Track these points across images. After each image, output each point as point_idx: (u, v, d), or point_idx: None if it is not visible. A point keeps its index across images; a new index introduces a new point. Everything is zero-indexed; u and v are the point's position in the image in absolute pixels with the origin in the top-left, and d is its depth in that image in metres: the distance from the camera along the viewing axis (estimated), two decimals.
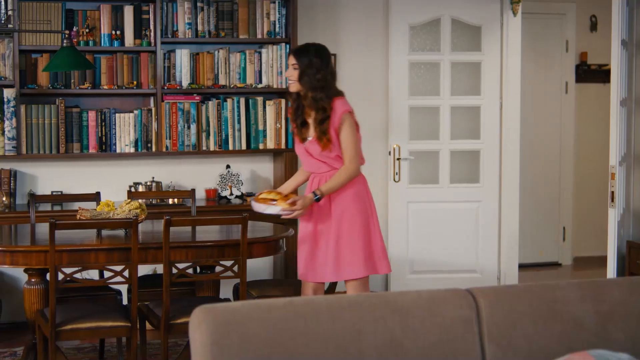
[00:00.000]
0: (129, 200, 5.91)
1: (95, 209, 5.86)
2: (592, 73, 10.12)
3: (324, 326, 3.13)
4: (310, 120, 5.55)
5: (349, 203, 5.51)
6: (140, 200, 6.00)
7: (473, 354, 3.28)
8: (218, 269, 5.59)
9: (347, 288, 5.60)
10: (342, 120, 5.45)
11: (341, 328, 3.15)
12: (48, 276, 5.42)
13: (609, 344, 3.36)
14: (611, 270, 6.10)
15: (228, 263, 5.49)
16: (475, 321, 3.32)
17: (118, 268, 5.32)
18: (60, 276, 5.19)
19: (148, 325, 5.67)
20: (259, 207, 5.45)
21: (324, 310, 3.18)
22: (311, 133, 5.54)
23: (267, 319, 3.09)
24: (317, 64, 5.51)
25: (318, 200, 5.42)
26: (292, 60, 5.56)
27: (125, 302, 6.41)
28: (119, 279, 5.33)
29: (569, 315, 3.41)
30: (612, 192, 6.01)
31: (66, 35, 6.17)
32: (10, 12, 6.85)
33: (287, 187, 5.77)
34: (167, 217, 5.21)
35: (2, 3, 6.94)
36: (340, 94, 5.56)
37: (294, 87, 5.55)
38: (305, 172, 5.76)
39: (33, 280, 5.61)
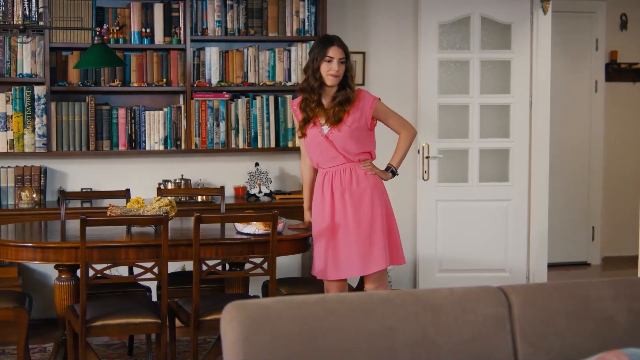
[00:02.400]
0: (159, 197, 5.92)
1: (126, 206, 5.88)
2: (622, 72, 10.07)
3: (355, 323, 3.12)
4: (321, 111, 5.59)
5: (367, 195, 5.54)
6: (170, 198, 6.01)
7: (505, 352, 3.27)
8: (247, 266, 5.59)
9: (367, 281, 5.59)
10: (376, 107, 5.59)
11: (373, 325, 3.14)
12: (78, 272, 5.44)
13: None
14: None
15: (257, 260, 5.49)
16: (508, 319, 3.31)
17: (148, 265, 5.33)
18: (91, 272, 5.20)
19: (177, 322, 5.68)
20: (238, 226, 5.70)
21: (355, 307, 3.17)
22: (324, 122, 5.57)
23: (298, 316, 3.08)
24: (349, 57, 5.66)
25: (394, 175, 5.69)
26: (341, 53, 5.55)
27: (154, 298, 6.43)
28: (149, 275, 5.33)
29: (601, 313, 3.38)
30: None
31: (97, 33, 6.19)
32: (41, 10, 6.88)
33: (309, 202, 5.82)
34: (198, 214, 5.22)
35: (34, 1, 6.97)
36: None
37: (336, 80, 5.56)
38: (311, 170, 5.79)
39: (63, 276, 5.64)
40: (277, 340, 3.01)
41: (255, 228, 5.58)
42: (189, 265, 6.97)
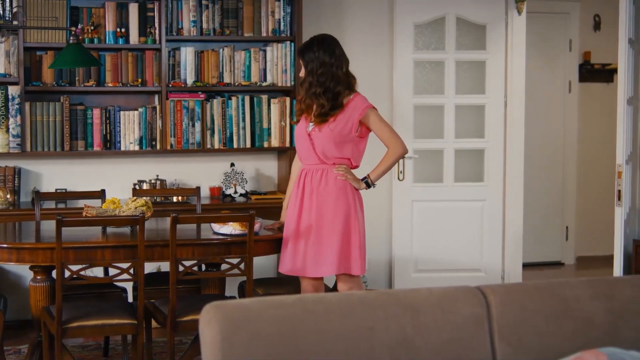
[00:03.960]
0: (135, 197, 5.90)
1: (101, 207, 5.86)
2: (595, 72, 10.12)
3: (334, 323, 3.12)
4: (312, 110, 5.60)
5: (331, 199, 5.52)
6: (145, 198, 5.99)
7: (484, 352, 3.28)
8: (224, 266, 5.58)
9: (338, 280, 5.61)
10: (366, 114, 5.52)
11: (352, 325, 3.13)
12: (54, 273, 5.42)
13: (620, 341, 3.35)
14: (617, 269, 6.09)
15: (234, 261, 5.49)
16: (486, 319, 3.31)
17: (124, 266, 5.30)
18: (67, 273, 5.18)
19: (153, 323, 5.67)
20: (215, 226, 5.70)
21: (334, 307, 3.17)
22: (311, 119, 5.57)
23: (277, 316, 3.08)
24: (321, 59, 5.58)
25: (369, 187, 5.60)
26: (298, 60, 5.70)
27: (130, 299, 6.41)
28: (125, 276, 5.31)
29: (579, 313, 3.40)
30: (619, 191, 6.00)
31: (73, 33, 6.17)
32: (15, 9, 6.83)
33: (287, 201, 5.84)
34: (175, 215, 5.21)
35: (7, 0, 6.93)
36: (352, 87, 5.62)
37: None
38: (298, 173, 5.74)
39: (39, 277, 5.61)
40: (256, 341, 3.01)
41: (231, 229, 5.58)
42: (164, 266, 6.97)
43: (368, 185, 5.59)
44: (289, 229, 5.60)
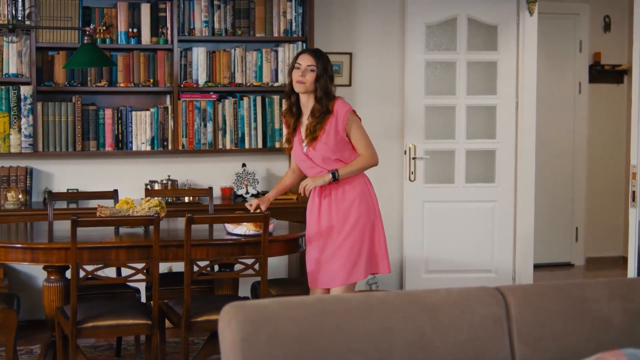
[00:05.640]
0: (148, 198, 5.90)
1: (115, 207, 5.85)
2: (605, 73, 10.11)
3: (353, 324, 3.11)
4: (302, 123, 5.65)
5: (355, 207, 5.54)
6: (158, 198, 5.99)
7: (502, 352, 3.27)
8: (238, 267, 5.58)
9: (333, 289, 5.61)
10: (348, 119, 5.52)
11: (371, 326, 3.13)
12: (67, 273, 5.42)
13: (638, 342, 3.35)
14: (632, 271, 6.07)
15: (248, 261, 5.48)
16: (505, 319, 3.31)
17: (138, 266, 5.31)
18: (82, 273, 5.18)
19: (167, 323, 5.66)
20: (229, 227, 5.72)
21: (353, 308, 3.17)
22: (303, 138, 5.61)
23: (296, 317, 3.07)
24: (329, 70, 5.59)
25: (335, 180, 5.50)
26: (309, 60, 5.56)
27: (143, 299, 6.41)
28: (139, 276, 5.31)
29: (597, 314, 3.39)
30: (634, 192, 5.98)
31: (87, 32, 6.17)
32: (29, 9, 6.84)
33: (273, 194, 5.94)
34: (189, 215, 5.21)
35: (20, 0, 6.94)
36: (335, 97, 5.62)
37: (303, 87, 5.56)
38: (293, 177, 5.89)
39: (52, 277, 5.62)
40: (275, 341, 3.00)
41: (245, 229, 5.59)
42: (175, 267, 6.97)
43: (334, 177, 5.51)
44: (312, 240, 5.64)
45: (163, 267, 7.04)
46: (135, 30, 7.28)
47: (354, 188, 5.55)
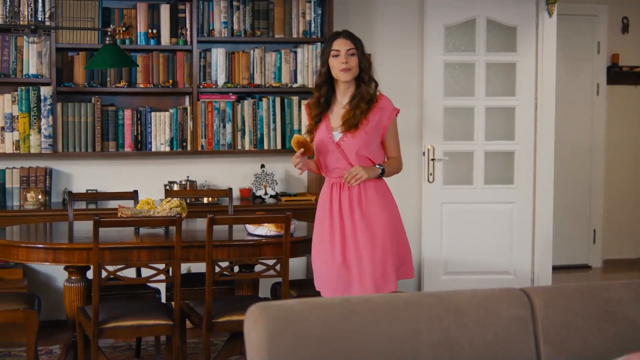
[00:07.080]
0: (169, 198, 5.91)
1: (136, 207, 5.87)
2: (623, 75, 10.08)
3: (379, 325, 3.12)
4: (332, 112, 5.24)
5: (378, 213, 5.12)
6: (179, 199, 6.00)
7: (528, 354, 3.26)
8: (258, 268, 5.59)
9: None
10: (394, 119, 5.25)
11: (396, 327, 3.13)
12: (88, 274, 5.43)
13: None
14: None
15: (269, 262, 5.48)
16: (530, 321, 3.30)
17: (159, 266, 5.32)
18: (103, 274, 5.19)
19: (187, 324, 5.67)
20: (249, 227, 5.74)
21: (379, 308, 3.17)
22: (336, 126, 5.18)
23: (322, 317, 3.08)
24: (364, 51, 5.23)
25: (382, 174, 5.13)
26: (348, 44, 5.13)
27: (163, 300, 6.42)
28: (161, 277, 5.32)
29: (623, 315, 3.38)
30: None
31: (109, 33, 6.18)
32: (51, 10, 6.86)
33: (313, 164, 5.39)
34: (211, 216, 5.21)
35: (40, 1, 6.96)
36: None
37: (350, 74, 5.13)
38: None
39: (73, 277, 5.63)
40: (301, 342, 3.01)
41: (266, 230, 5.59)
42: (194, 267, 6.98)
43: (383, 171, 5.14)
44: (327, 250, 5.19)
45: (182, 268, 7.04)
46: (154, 31, 7.30)
47: (378, 191, 5.16)
